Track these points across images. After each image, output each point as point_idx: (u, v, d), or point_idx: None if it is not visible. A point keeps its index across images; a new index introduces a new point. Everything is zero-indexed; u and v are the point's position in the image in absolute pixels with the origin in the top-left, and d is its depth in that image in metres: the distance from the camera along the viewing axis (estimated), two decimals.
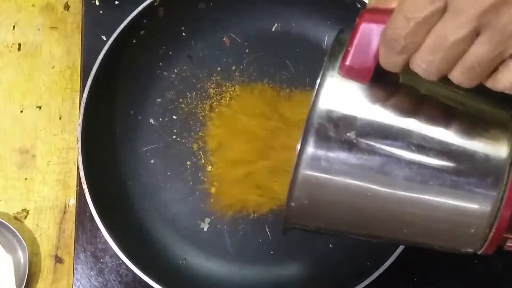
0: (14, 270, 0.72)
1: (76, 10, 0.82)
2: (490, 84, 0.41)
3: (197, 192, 0.75)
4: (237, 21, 0.79)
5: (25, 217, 0.76)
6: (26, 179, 0.77)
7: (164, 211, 0.75)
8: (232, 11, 0.79)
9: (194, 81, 0.78)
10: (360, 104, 0.45)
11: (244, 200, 0.73)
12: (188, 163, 0.76)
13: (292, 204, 0.47)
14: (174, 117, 0.77)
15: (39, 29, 0.82)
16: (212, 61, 0.79)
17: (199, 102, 0.77)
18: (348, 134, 0.45)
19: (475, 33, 0.38)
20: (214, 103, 0.77)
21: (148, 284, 0.66)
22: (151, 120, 0.78)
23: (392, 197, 0.45)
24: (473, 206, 0.45)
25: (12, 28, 0.82)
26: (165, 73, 0.78)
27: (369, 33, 0.43)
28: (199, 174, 0.75)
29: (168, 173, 0.76)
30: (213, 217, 0.74)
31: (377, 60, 0.43)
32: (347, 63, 0.44)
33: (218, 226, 0.74)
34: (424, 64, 0.41)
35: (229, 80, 0.78)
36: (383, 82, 0.45)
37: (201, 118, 0.77)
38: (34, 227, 0.75)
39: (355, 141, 0.45)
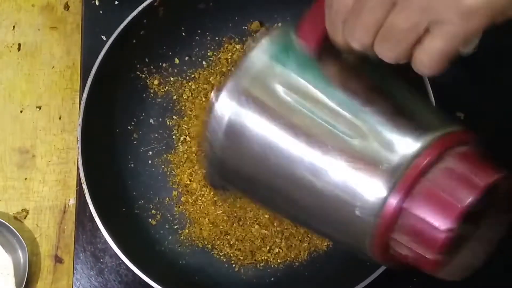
0: (13, 270, 0.72)
1: (76, 10, 0.82)
2: (412, 65, 0.40)
3: None
4: (237, 21, 0.79)
5: (25, 217, 0.76)
6: (26, 179, 0.77)
7: (164, 211, 0.75)
8: (232, 11, 0.79)
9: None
10: (297, 64, 0.46)
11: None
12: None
13: (208, 153, 0.48)
14: (174, 117, 0.77)
15: (39, 29, 0.82)
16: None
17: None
18: (274, 87, 0.45)
19: (392, 3, 0.39)
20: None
21: (148, 284, 0.66)
22: (151, 120, 0.78)
23: (292, 158, 0.45)
24: (362, 191, 0.43)
25: (12, 28, 0.82)
26: (165, 73, 0.78)
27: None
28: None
29: (168, 173, 0.76)
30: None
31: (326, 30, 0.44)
32: (301, 24, 0.45)
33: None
34: (348, 30, 0.41)
35: None
36: (333, 55, 0.46)
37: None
38: (33, 227, 0.75)
39: (276, 95, 0.45)
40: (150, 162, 0.76)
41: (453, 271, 0.45)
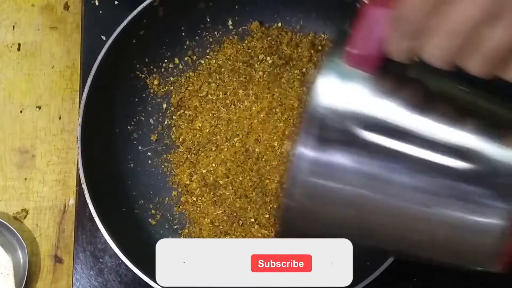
0: (13, 270, 0.72)
1: (76, 10, 0.82)
2: (506, 75, 0.38)
3: None
4: (237, 21, 0.79)
5: (25, 217, 0.76)
6: (25, 179, 0.77)
7: (164, 211, 0.75)
8: (232, 11, 0.79)
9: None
10: (365, 98, 0.41)
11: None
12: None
13: (288, 210, 0.44)
14: (174, 117, 0.77)
15: (38, 29, 0.82)
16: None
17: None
18: (349, 132, 0.41)
19: (495, 17, 0.35)
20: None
21: (148, 284, 0.65)
22: (151, 120, 0.78)
23: (397, 205, 0.41)
24: (482, 219, 0.40)
25: (12, 28, 0.82)
26: (165, 73, 0.78)
27: (376, 17, 0.39)
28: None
29: (168, 173, 0.76)
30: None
31: (383, 47, 0.39)
32: (351, 49, 0.41)
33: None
34: (439, 50, 0.37)
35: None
36: (389, 75, 0.42)
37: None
38: (33, 227, 0.75)
39: (356, 140, 0.41)
40: (149, 162, 0.76)
41: None
